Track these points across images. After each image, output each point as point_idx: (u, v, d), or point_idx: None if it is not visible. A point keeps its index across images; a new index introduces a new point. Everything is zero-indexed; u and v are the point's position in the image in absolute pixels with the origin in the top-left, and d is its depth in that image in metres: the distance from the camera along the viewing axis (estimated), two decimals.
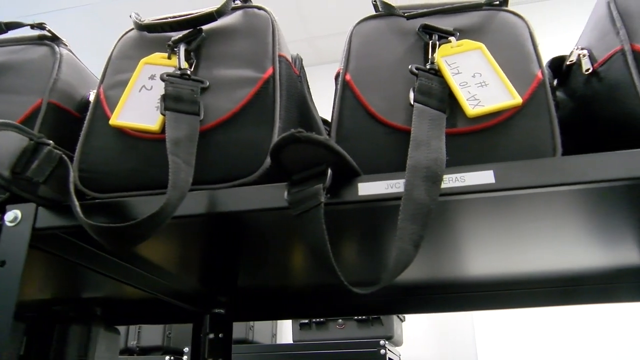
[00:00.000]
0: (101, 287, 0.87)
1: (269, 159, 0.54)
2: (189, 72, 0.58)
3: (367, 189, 0.50)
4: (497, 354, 2.26)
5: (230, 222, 0.56)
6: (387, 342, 1.74)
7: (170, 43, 0.60)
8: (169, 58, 0.60)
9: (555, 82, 0.71)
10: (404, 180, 0.47)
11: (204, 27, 0.62)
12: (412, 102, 0.54)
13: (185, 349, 1.95)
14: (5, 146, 0.51)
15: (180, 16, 0.62)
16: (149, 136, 0.56)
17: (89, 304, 0.91)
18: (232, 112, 0.56)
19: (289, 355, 1.80)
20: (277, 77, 0.59)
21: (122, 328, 2.07)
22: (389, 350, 1.73)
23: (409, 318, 2.39)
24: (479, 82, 0.54)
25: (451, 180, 0.48)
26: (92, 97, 0.64)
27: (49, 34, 0.70)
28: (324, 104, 0.60)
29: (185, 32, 0.61)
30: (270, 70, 0.59)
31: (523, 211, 0.55)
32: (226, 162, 0.55)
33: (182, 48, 0.60)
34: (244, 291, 0.98)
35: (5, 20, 0.73)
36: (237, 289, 0.96)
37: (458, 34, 0.59)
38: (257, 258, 0.74)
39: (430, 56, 0.57)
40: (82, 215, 0.48)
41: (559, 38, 2.04)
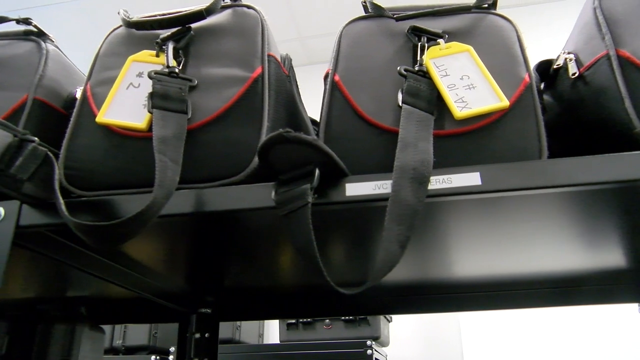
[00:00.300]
0: (86, 285, 0.86)
1: (256, 158, 0.54)
2: (177, 70, 0.57)
3: (355, 189, 0.50)
4: (483, 354, 2.28)
5: (217, 221, 0.56)
6: (373, 342, 1.75)
7: (158, 41, 0.60)
8: (157, 56, 0.60)
9: (542, 85, 0.72)
10: (391, 181, 0.47)
11: (193, 26, 0.62)
12: (400, 103, 0.54)
13: (172, 349, 1.94)
14: None
15: (169, 14, 0.62)
16: (136, 134, 0.56)
17: (74, 303, 0.90)
18: (220, 111, 0.56)
19: (275, 356, 1.80)
20: (266, 76, 0.59)
21: (108, 327, 2.06)
22: (375, 350, 1.74)
23: (396, 319, 2.40)
24: (467, 84, 0.55)
25: (438, 182, 0.48)
26: (78, 94, 0.63)
27: (35, 30, 0.69)
28: (315, 104, 0.60)
29: (173, 29, 0.61)
30: (259, 69, 0.59)
31: (509, 213, 0.55)
32: (214, 161, 0.54)
33: (171, 46, 0.59)
34: (231, 291, 0.98)
35: None
36: (223, 288, 0.96)
37: (447, 36, 0.59)
38: (244, 258, 0.73)
39: (418, 58, 0.57)
40: (67, 213, 0.48)
41: (546, 42, 2.06)
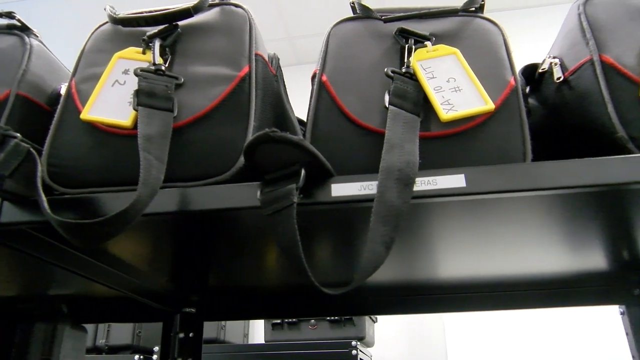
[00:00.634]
0: (69, 284, 0.85)
1: (242, 157, 0.53)
2: (163, 68, 0.57)
3: (340, 190, 0.50)
4: (467, 355, 2.30)
5: (202, 220, 0.56)
6: (358, 342, 1.75)
7: (145, 38, 0.60)
8: (143, 53, 0.59)
9: (527, 89, 0.73)
10: (377, 182, 0.47)
11: (180, 23, 0.61)
12: (387, 104, 0.54)
13: (155, 348, 1.93)
14: None
15: (156, 11, 0.61)
16: (121, 132, 0.55)
17: (56, 302, 0.89)
18: (207, 109, 0.55)
19: (260, 356, 1.79)
20: (253, 75, 0.59)
21: (91, 326, 2.04)
22: (360, 351, 1.74)
23: (381, 319, 2.41)
24: (453, 87, 0.55)
25: (423, 184, 0.49)
26: (63, 90, 0.63)
27: (19, 24, 0.68)
28: (303, 104, 0.60)
29: (160, 27, 0.60)
30: (246, 68, 0.59)
31: (493, 215, 0.56)
32: (199, 159, 0.54)
33: (157, 43, 0.59)
34: (216, 290, 0.97)
35: None
36: (208, 288, 0.95)
37: (434, 38, 0.59)
38: (229, 257, 0.73)
39: (406, 60, 0.58)
40: (49, 211, 0.47)
41: (532, 46, 2.08)
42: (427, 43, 0.59)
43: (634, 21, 0.58)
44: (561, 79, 0.63)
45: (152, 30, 0.60)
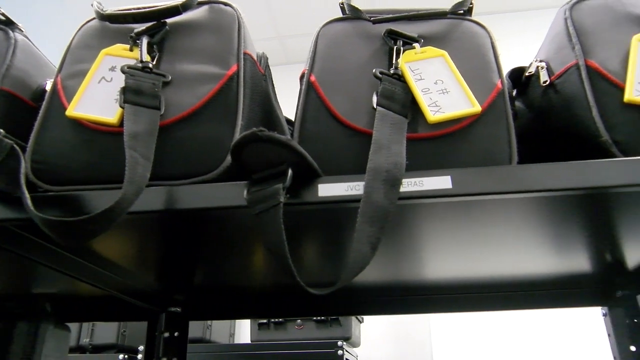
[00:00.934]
0: (53, 282, 0.84)
1: (229, 157, 0.53)
2: (150, 66, 0.56)
3: (327, 190, 0.50)
4: (452, 355, 2.31)
5: (188, 219, 0.56)
6: (344, 343, 1.75)
7: (132, 35, 0.59)
8: (130, 50, 0.59)
9: (514, 92, 0.73)
10: (364, 182, 0.48)
11: (169, 21, 0.61)
12: (375, 105, 0.54)
13: (140, 348, 1.91)
14: None
15: (144, 8, 0.61)
16: (107, 129, 0.54)
17: (39, 300, 0.88)
18: (194, 107, 0.55)
19: (246, 355, 1.79)
20: (242, 74, 0.58)
21: (75, 325, 2.01)
22: (346, 351, 1.74)
23: (367, 319, 2.41)
24: (441, 89, 0.55)
25: (410, 185, 0.49)
26: (48, 86, 0.62)
27: (3, 18, 0.67)
28: (293, 104, 0.60)
29: (148, 24, 0.60)
30: (234, 67, 0.58)
31: (479, 217, 0.56)
32: (186, 158, 0.54)
33: (145, 40, 0.58)
34: (201, 290, 0.97)
35: None
36: (194, 287, 0.94)
37: (422, 40, 0.60)
38: (215, 256, 0.73)
39: (394, 61, 0.58)
40: (32, 208, 0.47)
41: (519, 50, 2.10)
42: (416, 45, 0.59)
43: (619, 27, 0.59)
44: (547, 83, 0.63)
45: (139, 27, 0.60)
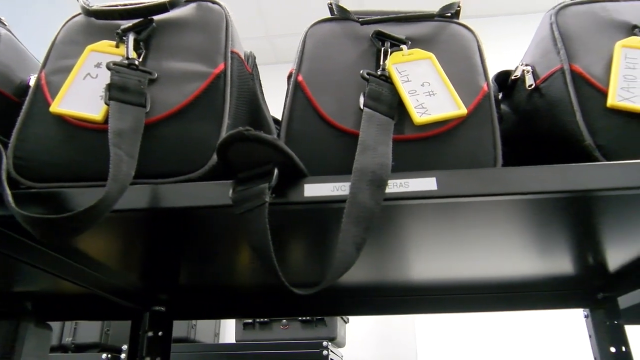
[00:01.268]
0: (34, 281, 0.83)
1: (215, 155, 0.53)
2: (136, 63, 0.56)
3: (313, 190, 0.50)
4: (436, 356, 2.32)
5: (173, 218, 0.55)
6: (329, 343, 1.75)
7: (119, 31, 0.59)
8: (117, 47, 0.58)
9: (500, 95, 0.74)
10: (350, 183, 0.48)
11: (156, 18, 0.60)
12: (361, 106, 0.54)
13: (124, 347, 1.90)
14: None
15: (131, 4, 0.60)
16: (91, 126, 0.54)
17: (20, 299, 0.87)
18: (180, 106, 0.55)
19: (231, 355, 1.78)
20: (229, 73, 0.58)
21: (57, 324, 1.99)
22: (331, 351, 1.74)
23: (352, 320, 2.42)
24: (427, 91, 0.56)
25: (395, 186, 0.49)
26: (32, 82, 0.61)
27: None
28: (281, 103, 0.60)
29: (135, 21, 0.59)
30: (221, 65, 0.58)
31: (464, 218, 0.57)
32: (171, 156, 0.53)
33: (131, 37, 0.58)
34: (186, 289, 0.96)
35: None
36: (178, 286, 0.94)
37: (410, 42, 0.60)
38: (200, 255, 0.72)
39: (381, 62, 0.58)
40: (14, 205, 0.46)
41: (516, 52, 2.12)
42: (403, 47, 0.59)
43: (604, 32, 0.60)
44: (533, 87, 0.64)
45: (126, 23, 0.59)
